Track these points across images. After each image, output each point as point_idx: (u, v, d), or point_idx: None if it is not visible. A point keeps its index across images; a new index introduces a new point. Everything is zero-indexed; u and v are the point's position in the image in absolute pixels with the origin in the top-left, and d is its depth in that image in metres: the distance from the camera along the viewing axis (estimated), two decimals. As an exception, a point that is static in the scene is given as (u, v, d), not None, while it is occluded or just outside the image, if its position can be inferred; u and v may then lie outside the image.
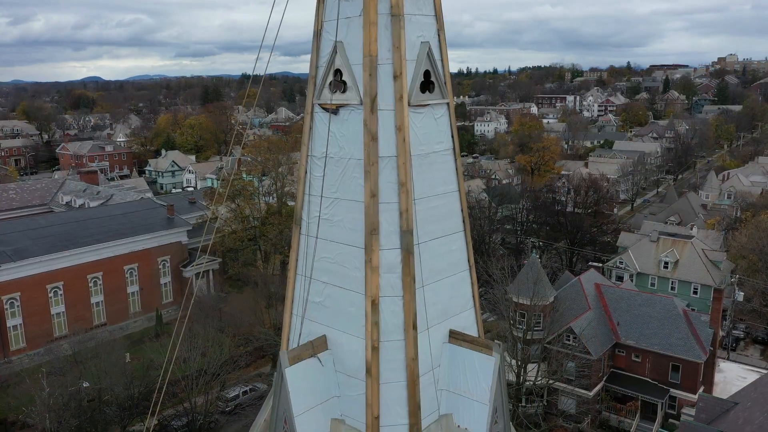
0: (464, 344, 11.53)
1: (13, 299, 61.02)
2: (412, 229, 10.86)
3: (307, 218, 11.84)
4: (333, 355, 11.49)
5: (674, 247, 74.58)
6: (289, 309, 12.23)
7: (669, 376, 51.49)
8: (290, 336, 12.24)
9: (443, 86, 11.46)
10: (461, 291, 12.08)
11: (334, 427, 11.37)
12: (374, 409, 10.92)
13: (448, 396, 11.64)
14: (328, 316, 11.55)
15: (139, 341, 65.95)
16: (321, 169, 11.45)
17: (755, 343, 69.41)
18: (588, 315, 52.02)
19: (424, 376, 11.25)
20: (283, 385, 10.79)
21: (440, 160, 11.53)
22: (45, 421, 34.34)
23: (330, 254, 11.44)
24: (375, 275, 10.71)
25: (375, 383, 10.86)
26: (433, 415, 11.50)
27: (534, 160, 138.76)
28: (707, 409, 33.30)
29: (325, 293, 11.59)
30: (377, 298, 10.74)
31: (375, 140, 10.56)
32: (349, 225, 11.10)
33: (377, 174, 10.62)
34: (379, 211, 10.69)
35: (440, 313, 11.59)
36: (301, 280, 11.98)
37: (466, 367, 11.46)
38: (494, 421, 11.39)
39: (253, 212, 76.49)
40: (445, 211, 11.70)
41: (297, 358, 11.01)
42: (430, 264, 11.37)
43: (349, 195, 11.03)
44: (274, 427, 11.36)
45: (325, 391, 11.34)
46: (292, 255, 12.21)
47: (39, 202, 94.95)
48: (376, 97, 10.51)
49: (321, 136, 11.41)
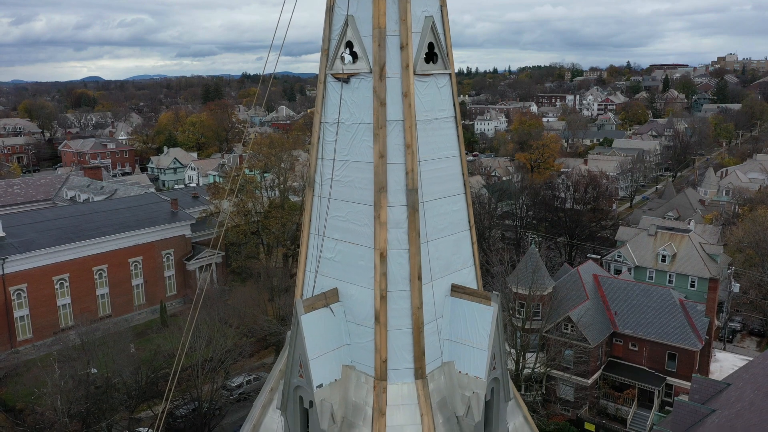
0: (465, 296, 12.48)
1: (20, 290, 61.95)
2: (417, 188, 11.84)
3: (320, 180, 12.80)
4: (344, 307, 12.45)
5: (672, 240, 75.59)
6: (303, 266, 13.18)
7: (665, 364, 52.42)
8: (304, 291, 13.19)
9: (446, 58, 12.43)
10: (462, 249, 13.03)
11: (345, 372, 12.33)
12: (382, 353, 11.88)
13: (450, 345, 12.59)
14: (340, 270, 12.52)
15: (144, 333, 66.85)
16: (333, 134, 12.40)
17: (751, 335, 70.33)
18: (586, 305, 52.95)
19: (428, 324, 12.21)
20: (299, 331, 11.74)
21: (443, 127, 12.51)
22: (56, 401, 35.24)
23: (341, 213, 12.40)
24: (383, 230, 11.67)
25: (383, 329, 11.82)
26: (436, 362, 12.45)
27: (534, 157, 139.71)
28: (701, 390, 34.16)
29: (336, 249, 12.55)
30: (385, 251, 11.69)
31: (383, 105, 11.52)
32: (359, 185, 12.06)
33: (385, 136, 11.59)
34: (387, 170, 11.66)
35: (443, 268, 12.55)
36: (314, 239, 12.93)
37: (466, 318, 12.41)
38: (493, 366, 12.34)
39: (256, 206, 77.41)
40: (447, 174, 12.67)
41: (311, 307, 11.97)
42: (434, 222, 12.33)
43: (359, 157, 12.00)
44: (290, 373, 12.28)
45: (337, 339, 12.29)
46: (306, 216, 13.17)
47: (43, 197, 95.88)
48: (384, 66, 11.48)
49: (333, 104, 12.37)
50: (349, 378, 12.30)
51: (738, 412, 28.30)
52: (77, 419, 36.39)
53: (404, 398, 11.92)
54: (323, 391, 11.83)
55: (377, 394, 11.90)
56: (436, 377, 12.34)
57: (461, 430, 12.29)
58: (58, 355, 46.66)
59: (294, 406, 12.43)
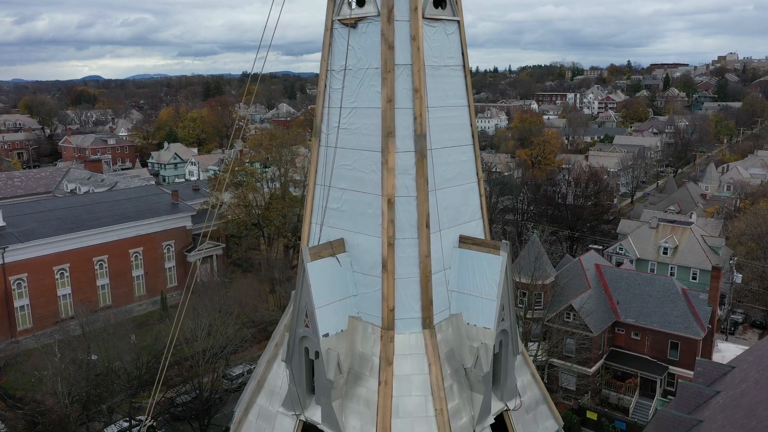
0: (473, 247, 12.31)
1: (20, 280, 61.78)
2: (426, 134, 11.65)
3: (327, 130, 12.62)
4: (350, 257, 12.27)
5: (674, 233, 75.43)
6: (308, 218, 13.01)
7: (668, 353, 52.25)
8: (309, 243, 13.01)
9: (454, 4, 12.26)
10: (470, 200, 12.86)
11: (351, 323, 12.15)
12: (390, 302, 11.70)
13: (458, 297, 12.41)
14: (346, 220, 12.34)
15: (145, 324, 66.65)
16: (340, 81, 12.23)
17: (753, 327, 70.18)
18: (588, 293, 52.78)
19: (436, 274, 12.03)
20: (305, 279, 11.56)
21: (451, 74, 12.33)
22: (57, 384, 35.06)
23: (348, 161, 12.22)
24: (391, 176, 11.50)
25: (390, 277, 11.64)
26: (444, 313, 12.28)
27: (534, 153, 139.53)
28: (705, 373, 33.97)
29: (343, 199, 12.37)
30: (393, 197, 11.52)
31: (391, 49, 11.35)
32: (366, 131, 11.88)
33: (393, 80, 11.41)
34: (395, 115, 11.49)
35: (451, 218, 12.37)
36: (320, 190, 12.75)
37: (475, 269, 12.23)
38: (501, 318, 12.16)
39: (257, 198, 77.24)
40: (455, 123, 12.50)
41: (317, 255, 11.79)
42: (442, 170, 12.15)
43: (366, 103, 11.82)
44: (295, 323, 12.11)
45: (344, 290, 12.11)
46: (312, 167, 13.00)
47: (44, 190, 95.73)
48: (392, 9, 11.30)
49: (340, 51, 12.19)
50: (355, 329, 12.12)
51: (743, 391, 28.12)
52: (78, 403, 36.20)
53: (412, 348, 11.75)
54: (329, 341, 11.66)
55: (384, 343, 11.73)
56: (443, 328, 12.17)
57: (469, 381, 12.12)
58: (59, 343, 46.53)
59: (299, 358, 12.25)
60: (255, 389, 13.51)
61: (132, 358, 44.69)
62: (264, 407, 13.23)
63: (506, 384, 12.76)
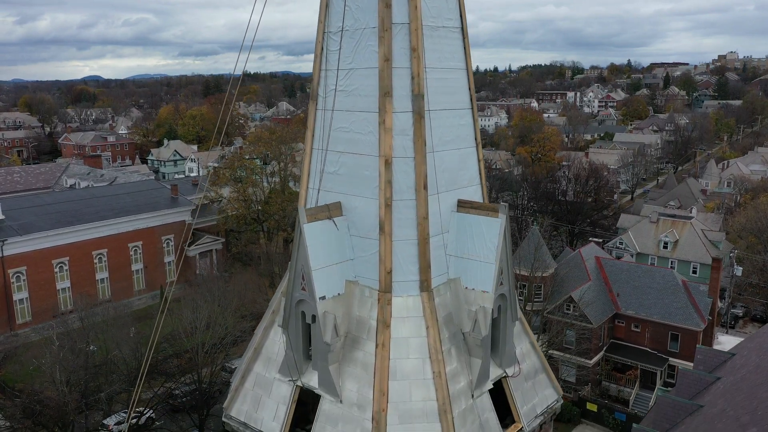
0: (472, 210, 12.20)
1: (19, 273, 61.65)
2: (424, 94, 11.54)
3: (323, 93, 12.52)
4: (347, 221, 12.16)
5: (674, 227, 75.26)
6: (305, 183, 12.90)
7: (668, 345, 52.09)
8: (306, 207, 12.89)
9: (452, -35, 12.15)
10: (468, 165, 12.75)
11: (348, 287, 12.04)
12: (387, 264, 11.59)
13: (456, 261, 12.30)
14: (343, 183, 12.23)
15: (144, 317, 66.47)
16: (337, 43, 12.12)
17: (754, 321, 70.00)
18: (588, 285, 52.62)
19: (434, 237, 11.92)
20: (302, 241, 11.45)
21: (450, 36, 12.22)
22: (55, 371, 34.95)
23: (345, 124, 12.12)
24: (388, 136, 11.38)
25: (388, 239, 11.53)
26: (442, 277, 12.16)
27: (534, 150, 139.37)
28: (705, 360, 33.80)
29: (340, 162, 12.26)
30: (390, 158, 11.41)
31: (389, 7, 11.24)
32: (363, 92, 11.78)
33: (391, 39, 11.30)
34: (392, 75, 11.38)
35: (449, 182, 12.26)
36: (317, 154, 12.65)
37: (473, 232, 12.11)
38: (500, 282, 12.04)
39: (256, 192, 77.08)
40: (454, 86, 12.39)
41: (314, 217, 11.69)
42: (440, 133, 12.05)
43: (364, 63, 11.72)
44: (291, 287, 11.99)
45: (340, 253, 12.00)
46: (308, 132, 12.89)
47: (43, 185, 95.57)
48: (389, -34, 11.18)
49: (337, 12, 12.08)
50: (352, 293, 12.02)
51: (743, 376, 27.99)
52: (76, 391, 36.06)
53: (409, 311, 11.65)
54: (326, 304, 11.56)
55: (382, 306, 11.63)
56: (441, 292, 12.07)
57: (468, 346, 12.02)
58: (58, 334, 46.39)
59: (296, 323, 12.16)
60: (252, 357, 13.42)
61: (131, 348, 44.53)
62: (261, 374, 13.13)
63: (505, 350, 12.65)
